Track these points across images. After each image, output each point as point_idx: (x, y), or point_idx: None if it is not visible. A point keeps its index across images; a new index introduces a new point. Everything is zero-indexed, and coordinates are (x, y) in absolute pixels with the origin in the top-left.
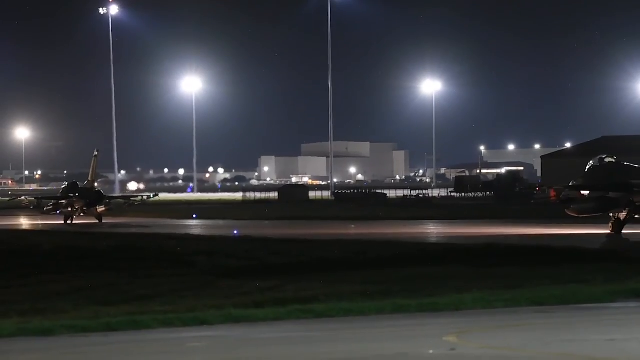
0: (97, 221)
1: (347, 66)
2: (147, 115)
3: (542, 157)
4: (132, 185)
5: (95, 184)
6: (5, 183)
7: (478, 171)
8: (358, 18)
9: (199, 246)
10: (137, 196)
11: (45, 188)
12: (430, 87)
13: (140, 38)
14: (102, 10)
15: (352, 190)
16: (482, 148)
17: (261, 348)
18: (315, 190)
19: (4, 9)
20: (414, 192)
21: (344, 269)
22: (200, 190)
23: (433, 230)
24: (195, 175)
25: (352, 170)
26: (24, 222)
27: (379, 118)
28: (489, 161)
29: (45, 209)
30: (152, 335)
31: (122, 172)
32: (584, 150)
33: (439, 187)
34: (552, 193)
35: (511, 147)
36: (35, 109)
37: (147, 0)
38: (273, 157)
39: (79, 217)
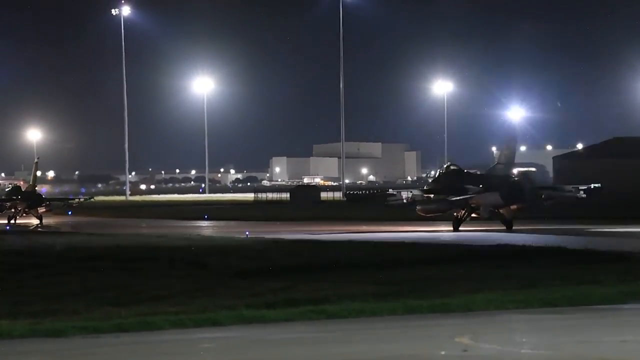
0: (38, 221)
1: (359, 67)
2: (159, 116)
3: (554, 158)
4: (142, 187)
5: (36, 188)
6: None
7: None
8: (370, 19)
9: (210, 247)
10: (74, 198)
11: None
12: (442, 87)
13: (152, 39)
14: (114, 11)
15: (363, 191)
16: (494, 149)
17: (273, 349)
18: (327, 191)
19: (16, 10)
20: None
21: (356, 270)
22: (212, 191)
23: (444, 230)
24: (207, 176)
25: (364, 171)
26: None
27: (391, 119)
28: None
29: None
30: (164, 336)
31: (133, 173)
32: (595, 152)
33: None
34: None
35: (523, 148)
36: (47, 111)
37: (158, 0)
38: (285, 158)
39: (21, 217)
